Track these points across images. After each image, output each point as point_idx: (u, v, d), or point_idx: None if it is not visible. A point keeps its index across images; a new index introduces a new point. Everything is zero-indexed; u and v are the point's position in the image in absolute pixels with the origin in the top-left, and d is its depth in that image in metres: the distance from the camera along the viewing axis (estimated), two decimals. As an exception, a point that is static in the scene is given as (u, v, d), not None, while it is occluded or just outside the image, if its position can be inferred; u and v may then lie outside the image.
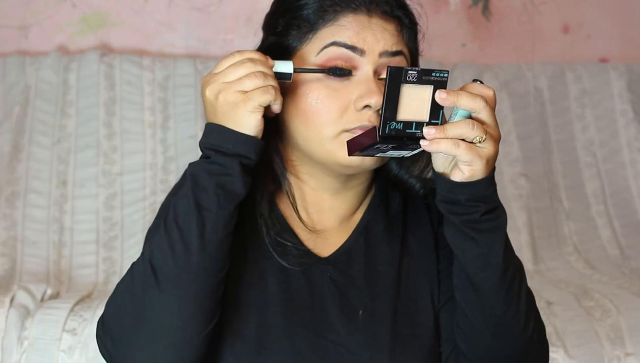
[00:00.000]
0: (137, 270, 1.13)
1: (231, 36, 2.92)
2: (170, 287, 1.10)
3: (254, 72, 1.12)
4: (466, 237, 1.13)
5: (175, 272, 1.10)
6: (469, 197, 1.11)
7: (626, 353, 2.04)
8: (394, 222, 1.30)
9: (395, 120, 1.08)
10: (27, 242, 2.48)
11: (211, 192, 1.11)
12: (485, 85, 1.11)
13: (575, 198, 2.82)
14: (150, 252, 1.12)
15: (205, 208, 1.11)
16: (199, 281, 1.11)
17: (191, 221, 1.10)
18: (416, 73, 1.08)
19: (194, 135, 2.66)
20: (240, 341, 1.18)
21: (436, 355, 1.24)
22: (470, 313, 1.18)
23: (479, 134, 1.08)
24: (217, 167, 1.12)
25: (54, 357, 1.99)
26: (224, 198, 1.12)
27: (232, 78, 1.12)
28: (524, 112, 2.89)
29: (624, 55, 3.11)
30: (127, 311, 1.13)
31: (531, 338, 1.19)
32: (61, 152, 2.61)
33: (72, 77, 2.70)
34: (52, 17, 2.84)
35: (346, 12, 1.20)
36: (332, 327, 1.21)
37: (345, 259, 1.26)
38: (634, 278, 2.50)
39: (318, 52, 1.20)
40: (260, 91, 1.11)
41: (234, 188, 1.12)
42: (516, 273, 1.17)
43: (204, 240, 1.10)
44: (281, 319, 1.20)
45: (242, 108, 1.11)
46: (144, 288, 1.11)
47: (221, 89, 1.12)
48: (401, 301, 1.24)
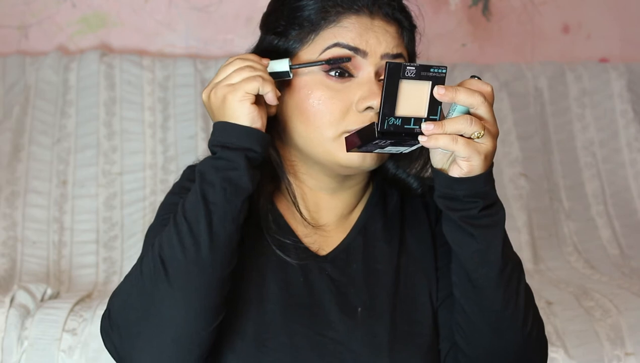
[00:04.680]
0: (146, 264, 1.14)
1: (231, 36, 2.92)
2: (180, 280, 1.11)
3: (241, 66, 1.15)
4: (464, 233, 1.13)
5: (184, 265, 1.11)
6: (468, 193, 1.11)
7: (626, 353, 2.04)
8: (392, 220, 1.30)
9: (394, 116, 1.09)
10: (27, 242, 2.48)
11: (218, 187, 1.12)
12: (483, 81, 1.12)
13: (575, 198, 2.82)
14: (160, 247, 1.13)
15: (212, 203, 1.12)
16: (208, 274, 1.12)
17: (199, 215, 1.12)
18: (414, 69, 1.08)
19: (194, 135, 2.66)
20: (239, 338, 1.19)
21: (435, 353, 1.24)
22: (469, 309, 1.18)
23: (477, 129, 1.08)
24: (223, 162, 1.13)
25: (54, 357, 1.99)
26: (231, 193, 1.13)
27: (222, 77, 1.16)
28: (524, 112, 2.89)
29: (624, 55, 3.11)
30: (135, 305, 1.13)
31: (530, 334, 1.19)
32: (61, 152, 2.61)
33: (72, 77, 2.70)
34: (52, 17, 2.84)
35: (349, 13, 1.21)
36: (331, 324, 1.21)
37: (344, 257, 1.26)
38: (634, 278, 2.50)
39: (320, 52, 1.20)
40: (246, 80, 1.14)
41: (240, 182, 1.13)
42: (515, 269, 1.17)
43: (212, 234, 1.11)
44: (280, 317, 1.20)
45: (230, 99, 1.14)
46: (153, 282, 1.12)
47: (212, 88, 1.16)
48: (400, 299, 1.25)
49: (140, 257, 1.17)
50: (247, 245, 1.23)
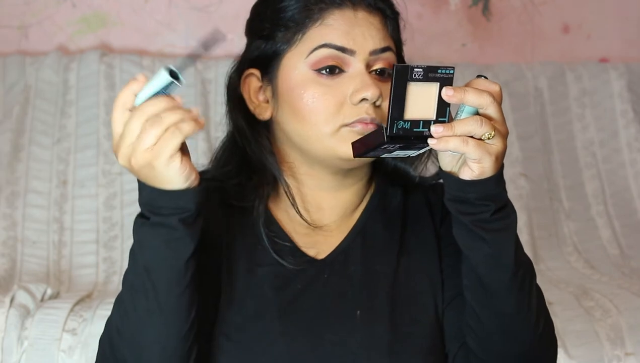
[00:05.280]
0: (111, 325, 1.15)
1: (231, 36, 2.91)
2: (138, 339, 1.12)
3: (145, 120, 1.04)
4: (476, 237, 1.11)
5: (140, 329, 1.11)
6: (479, 196, 1.09)
7: (626, 353, 2.04)
8: (392, 221, 1.29)
9: (403, 119, 1.06)
10: (27, 242, 2.48)
11: (158, 256, 1.09)
12: (490, 80, 1.10)
13: (575, 198, 2.82)
14: (116, 319, 1.14)
15: (155, 272, 1.09)
16: (170, 327, 1.12)
17: (145, 286, 1.09)
18: (422, 70, 1.06)
19: (194, 135, 2.65)
20: (239, 345, 1.19)
21: (437, 354, 1.23)
22: (480, 313, 1.16)
23: (487, 130, 1.05)
24: (159, 228, 1.09)
25: (54, 357, 1.99)
26: (173, 257, 1.09)
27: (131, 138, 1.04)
28: (524, 112, 2.89)
29: (624, 55, 3.11)
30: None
31: (542, 335, 1.18)
32: (61, 152, 2.61)
33: (72, 77, 2.70)
34: (52, 17, 2.84)
35: (332, 9, 1.21)
36: (330, 327, 1.20)
37: (342, 259, 1.25)
38: (634, 278, 2.50)
39: (308, 53, 1.20)
40: (164, 140, 1.04)
41: (180, 244, 1.09)
42: (527, 272, 1.16)
43: (160, 303, 1.10)
44: (278, 322, 1.20)
45: (157, 165, 1.05)
46: (113, 349, 1.14)
47: (129, 154, 1.06)
48: (400, 300, 1.24)
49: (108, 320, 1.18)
50: (242, 257, 1.23)
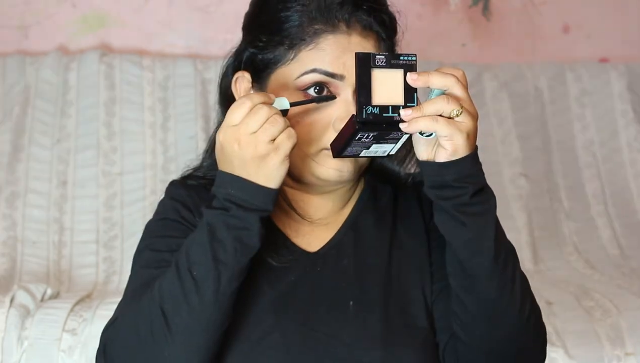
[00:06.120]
0: (146, 312, 1.14)
1: (231, 36, 2.90)
2: (182, 337, 1.13)
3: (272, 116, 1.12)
4: (457, 222, 1.14)
5: (188, 322, 1.13)
6: (456, 176, 1.12)
7: (626, 353, 2.04)
8: (383, 215, 1.32)
9: (371, 104, 1.11)
10: (27, 242, 2.48)
11: (229, 246, 1.13)
12: (454, 67, 1.14)
13: (575, 198, 2.82)
14: (161, 298, 1.14)
15: (223, 263, 1.12)
16: (209, 331, 1.14)
17: (208, 275, 1.12)
18: (384, 57, 1.12)
19: (194, 135, 2.66)
20: (233, 338, 1.20)
21: (430, 345, 1.25)
22: (465, 298, 1.19)
23: (454, 107, 1.10)
24: (236, 221, 1.13)
25: (54, 357, 1.99)
26: (241, 253, 1.13)
27: (254, 127, 1.11)
28: (524, 112, 2.89)
29: (624, 55, 3.11)
30: (134, 352, 1.15)
31: (528, 320, 1.20)
32: (61, 152, 2.61)
33: (72, 77, 2.70)
34: (52, 17, 2.84)
35: (326, 34, 1.23)
36: (323, 319, 1.22)
37: (335, 253, 1.28)
38: (634, 278, 2.50)
39: (298, 76, 1.23)
40: (285, 136, 1.12)
41: (251, 242, 1.14)
42: (509, 256, 1.18)
43: (218, 294, 1.13)
44: (272, 315, 1.21)
45: (274, 159, 1.12)
46: (154, 335, 1.13)
47: (248, 141, 1.12)
48: (392, 292, 1.26)
49: (134, 291, 1.19)
50: None
